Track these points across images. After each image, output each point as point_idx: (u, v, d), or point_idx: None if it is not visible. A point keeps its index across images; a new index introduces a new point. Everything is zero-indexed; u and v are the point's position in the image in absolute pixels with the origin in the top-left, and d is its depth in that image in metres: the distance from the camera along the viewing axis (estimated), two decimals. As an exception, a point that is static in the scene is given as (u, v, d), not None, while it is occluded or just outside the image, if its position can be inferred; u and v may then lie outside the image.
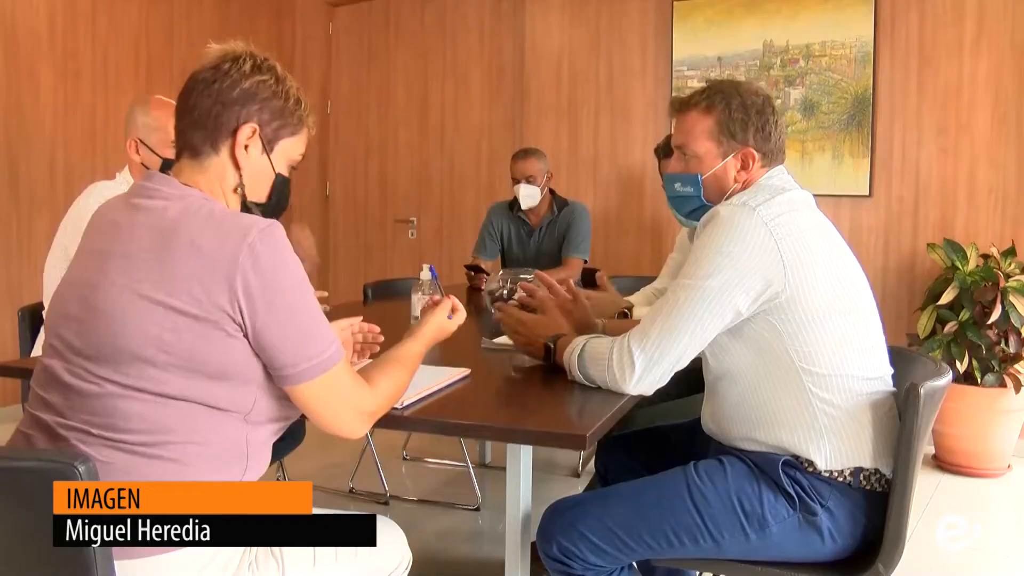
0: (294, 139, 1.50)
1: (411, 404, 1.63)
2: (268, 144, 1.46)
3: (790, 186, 1.80)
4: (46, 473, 1.17)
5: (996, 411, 3.75)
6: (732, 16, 4.57)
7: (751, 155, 1.81)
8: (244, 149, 1.42)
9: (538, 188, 4.12)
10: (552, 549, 1.70)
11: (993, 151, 4.05)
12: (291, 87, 1.47)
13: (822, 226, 1.77)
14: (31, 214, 4.37)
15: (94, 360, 1.31)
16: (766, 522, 1.66)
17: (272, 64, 1.46)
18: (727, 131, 1.81)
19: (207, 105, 1.40)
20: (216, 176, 1.43)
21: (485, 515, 3.38)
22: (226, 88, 1.40)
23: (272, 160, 1.47)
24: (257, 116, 1.42)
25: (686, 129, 1.86)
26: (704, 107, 1.83)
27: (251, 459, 1.39)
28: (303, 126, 1.50)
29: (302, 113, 1.49)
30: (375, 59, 5.74)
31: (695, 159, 1.85)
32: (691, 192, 1.86)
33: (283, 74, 1.47)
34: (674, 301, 1.68)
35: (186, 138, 1.43)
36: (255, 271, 1.28)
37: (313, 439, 2.54)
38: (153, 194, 1.38)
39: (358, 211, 5.90)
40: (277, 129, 1.46)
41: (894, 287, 4.25)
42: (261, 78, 1.43)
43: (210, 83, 1.40)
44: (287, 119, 1.47)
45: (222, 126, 1.41)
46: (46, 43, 4.37)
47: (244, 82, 1.41)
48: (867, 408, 1.69)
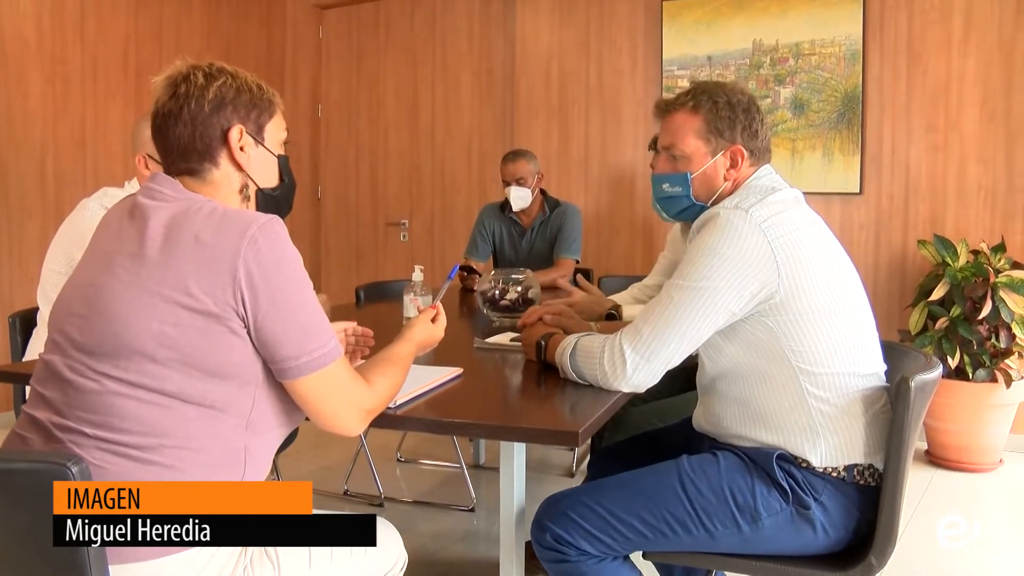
0: (274, 119, 1.54)
1: (404, 403, 1.64)
2: (257, 135, 1.50)
3: (780, 185, 1.81)
4: (39, 475, 1.17)
5: (987, 406, 3.76)
6: (721, 16, 4.59)
7: (740, 152, 1.82)
8: (241, 150, 1.46)
9: (529, 190, 4.12)
10: (546, 537, 1.71)
11: (982, 148, 4.07)
12: (246, 77, 1.50)
13: (815, 224, 1.78)
14: (21, 220, 4.36)
15: (95, 355, 1.32)
16: (759, 515, 1.67)
17: (220, 66, 1.49)
18: (715, 129, 1.82)
19: (187, 133, 1.43)
20: (223, 183, 1.47)
21: (480, 516, 3.38)
22: (195, 109, 1.43)
23: (268, 147, 1.52)
24: (236, 116, 1.46)
25: (673, 129, 1.87)
26: (691, 107, 1.84)
27: (248, 467, 1.39)
28: (275, 104, 1.54)
29: (268, 95, 1.53)
30: (365, 62, 5.75)
31: (684, 159, 1.85)
32: (680, 192, 1.87)
33: (233, 70, 1.49)
34: (668, 301, 1.69)
35: (180, 167, 1.45)
36: (257, 263, 1.30)
37: (307, 441, 2.54)
38: (157, 196, 1.40)
39: (349, 214, 5.90)
40: (257, 118, 1.50)
41: (885, 284, 4.27)
42: (219, 83, 1.45)
43: (177, 113, 1.43)
44: (260, 105, 1.50)
45: (212, 141, 1.44)
46: (34, 49, 4.36)
47: (207, 94, 1.43)
48: (862, 404, 1.70)
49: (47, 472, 1.16)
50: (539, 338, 1.95)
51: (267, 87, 1.54)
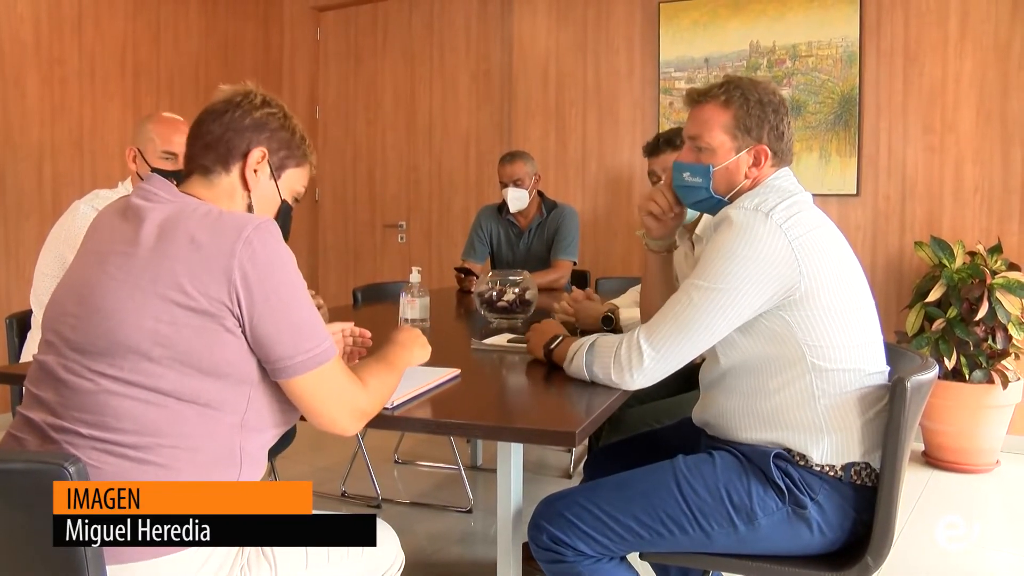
0: (298, 171, 1.59)
1: (401, 404, 1.64)
2: (276, 171, 1.55)
3: (795, 189, 1.82)
4: (35, 475, 1.17)
5: (984, 407, 3.77)
6: (718, 17, 4.59)
7: (764, 152, 1.82)
8: (254, 172, 1.50)
9: (526, 191, 4.12)
10: (543, 538, 1.72)
11: (978, 149, 4.07)
12: (296, 124, 1.58)
13: (827, 225, 1.80)
14: (19, 221, 4.35)
15: (90, 355, 1.32)
16: (755, 515, 1.67)
17: (280, 102, 1.57)
18: (743, 126, 1.82)
19: (219, 131, 1.49)
20: (224, 193, 1.49)
21: (477, 517, 3.37)
22: (238, 117, 1.50)
23: (279, 186, 1.56)
24: (267, 143, 1.52)
25: (702, 120, 1.86)
26: (723, 100, 1.83)
27: (244, 466, 1.39)
28: (306, 161, 1.60)
29: (306, 148, 1.60)
30: (363, 64, 5.75)
31: (708, 151, 1.85)
32: (700, 183, 1.87)
33: (289, 112, 1.57)
34: (687, 301, 1.70)
35: (197, 160, 1.50)
36: (252, 264, 1.31)
37: (305, 443, 2.54)
38: (151, 197, 1.41)
39: (347, 215, 5.90)
40: (284, 158, 1.55)
41: (882, 285, 4.27)
42: (270, 111, 1.53)
43: (222, 113, 1.51)
44: (293, 150, 1.56)
45: (234, 149, 1.49)
46: (32, 50, 4.35)
47: (255, 112, 1.51)
48: (865, 403, 1.71)
49: (44, 472, 1.16)
50: (552, 335, 1.97)
51: (309, 144, 1.61)
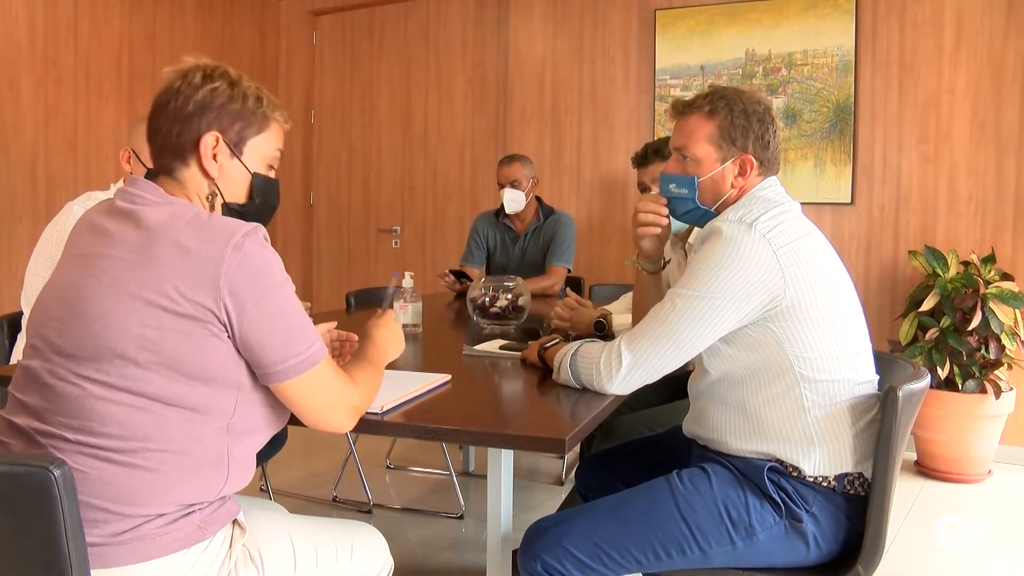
0: (263, 136, 1.51)
1: (391, 409, 1.63)
2: (235, 147, 1.48)
3: (782, 199, 1.81)
4: (20, 478, 1.16)
5: (977, 417, 3.77)
6: (714, 25, 4.60)
7: (749, 162, 1.82)
8: (212, 159, 1.45)
9: (523, 193, 4.13)
10: (536, 567, 1.68)
11: (972, 159, 4.08)
12: (247, 87, 1.49)
13: (814, 234, 1.79)
14: (12, 223, 4.33)
15: (76, 359, 1.31)
16: (753, 530, 1.66)
17: (223, 70, 1.48)
18: (728, 137, 1.82)
19: (167, 127, 1.44)
20: (193, 189, 1.47)
21: (468, 523, 3.37)
22: (180, 105, 1.44)
23: (244, 162, 1.50)
24: (216, 124, 1.45)
25: (687, 132, 1.86)
26: (707, 111, 1.83)
27: (232, 470, 1.38)
28: (270, 121, 1.52)
29: (265, 110, 1.51)
30: (358, 68, 5.75)
31: (694, 162, 1.85)
32: (686, 194, 1.87)
33: (236, 77, 1.49)
34: (670, 309, 1.70)
35: (160, 162, 1.47)
36: (240, 271, 1.30)
37: (296, 448, 2.52)
38: (137, 200, 1.39)
39: (341, 220, 5.89)
40: (241, 130, 1.48)
41: (876, 294, 4.28)
42: (212, 86, 1.45)
43: (165, 105, 1.45)
44: (249, 119, 1.48)
45: (186, 142, 1.44)
46: (26, 52, 4.34)
47: (196, 95, 1.44)
48: (855, 413, 1.71)
49: (29, 475, 1.15)
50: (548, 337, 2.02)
51: (268, 101, 1.52)
